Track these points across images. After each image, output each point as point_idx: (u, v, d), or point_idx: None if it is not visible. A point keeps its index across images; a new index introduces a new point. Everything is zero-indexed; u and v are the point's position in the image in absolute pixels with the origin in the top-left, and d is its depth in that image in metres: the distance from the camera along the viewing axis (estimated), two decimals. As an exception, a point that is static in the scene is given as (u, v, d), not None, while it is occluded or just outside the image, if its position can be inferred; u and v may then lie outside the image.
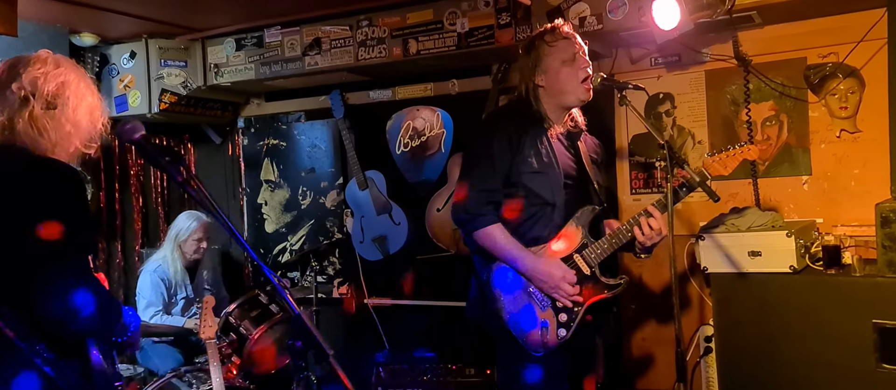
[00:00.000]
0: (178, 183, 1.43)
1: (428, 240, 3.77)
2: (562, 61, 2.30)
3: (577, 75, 2.30)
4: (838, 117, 3.07)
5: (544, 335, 2.21)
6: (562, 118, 2.39)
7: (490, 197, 2.25)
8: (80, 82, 1.60)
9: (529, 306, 2.23)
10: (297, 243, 4.25)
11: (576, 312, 2.23)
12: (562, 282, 2.21)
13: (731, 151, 2.31)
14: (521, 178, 2.26)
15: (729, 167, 2.31)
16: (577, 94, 2.32)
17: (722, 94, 3.27)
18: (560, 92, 2.33)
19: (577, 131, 2.44)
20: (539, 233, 2.28)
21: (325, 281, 4.15)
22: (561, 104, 2.36)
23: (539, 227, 2.29)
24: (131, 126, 1.52)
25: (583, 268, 2.26)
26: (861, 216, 2.90)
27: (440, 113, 3.85)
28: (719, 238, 2.75)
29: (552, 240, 2.28)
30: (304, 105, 4.15)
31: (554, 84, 2.32)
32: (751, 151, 2.33)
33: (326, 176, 4.16)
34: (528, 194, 2.27)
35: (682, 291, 3.26)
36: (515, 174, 2.26)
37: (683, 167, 2.23)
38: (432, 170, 3.86)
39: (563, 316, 2.23)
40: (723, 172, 2.32)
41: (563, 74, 2.30)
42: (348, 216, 4.04)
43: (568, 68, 2.30)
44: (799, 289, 2.61)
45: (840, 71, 3.03)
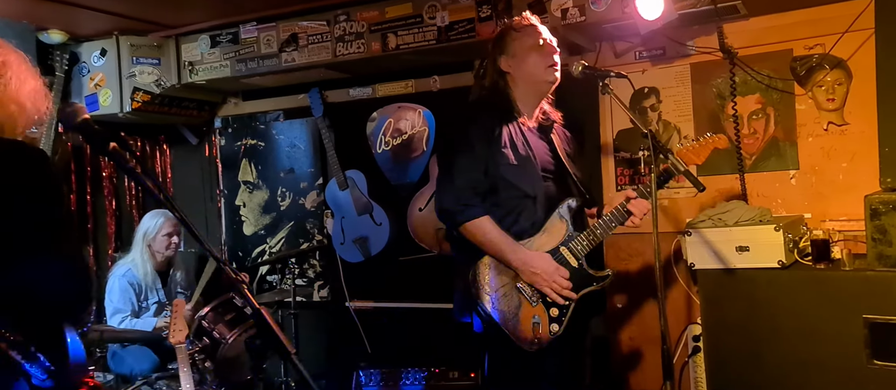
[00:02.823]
0: (126, 170, 1.34)
1: (410, 241, 3.75)
2: (528, 47, 2.32)
3: (544, 60, 2.31)
4: (825, 110, 3.06)
5: (536, 331, 2.19)
6: (533, 109, 2.38)
7: (476, 187, 2.23)
8: (21, 64, 1.54)
9: (519, 303, 2.21)
10: (276, 245, 4.21)
11: (567, 306, 2.22)
12: (556, 275, 2.20)
13: (702, 141, 2.34)
14: (499, 171, 2.24)
15: (701, 156, 2.33)
16: (545, 77, 2.32)
17: (707, 88, 3.25)
18: (527, 77, 2.33)
19: (548, 124, 2.43)
20: (523, 227, 2.27)
21: (306, 283, 4.12)
22: (529, 91, 2.35)
23: (522, 221, 2.27)
24: (73, 109, 1.44)
25: (570, 261, 2.25)
26: (849, 210, 2.89)
27: (423, 113, 3.83)
28: (706, 233, 2.73)
29: (537, 234, 2.26)
30: (282, 104, 4.11)
31: (521, 69, 2.33)
32: (721, 140, 2.35)
33: (306, 176, 4.13)
34: (507, 187, 2.26)
35: (669, 290, 3.24)
36: (493, 167, 2.24)
37: (667, 156, 2.21)
38: (416, 172, 3.85)
39: (553, 310, 2.22)
40: (696, 161, 2.33)
41: (530, 60, 2.31)
42: (328, 217, 4.01)
43: (535, 54, 2.31)
44: (788, 285, 2.59)
45: (826, 62, 3.02)
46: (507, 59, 2.34)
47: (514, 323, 2.19)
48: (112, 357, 3.42)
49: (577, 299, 2.23)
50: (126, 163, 1.34)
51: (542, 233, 2.27)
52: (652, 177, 2.13)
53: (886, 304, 2.39)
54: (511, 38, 2.35)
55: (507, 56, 2.34)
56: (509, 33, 2.36)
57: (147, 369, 3.24)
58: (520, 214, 2.27)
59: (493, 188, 2.25)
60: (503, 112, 2.31)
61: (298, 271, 4.01)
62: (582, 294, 2.25)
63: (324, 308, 4.06)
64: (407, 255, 3.75)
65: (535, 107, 2.37)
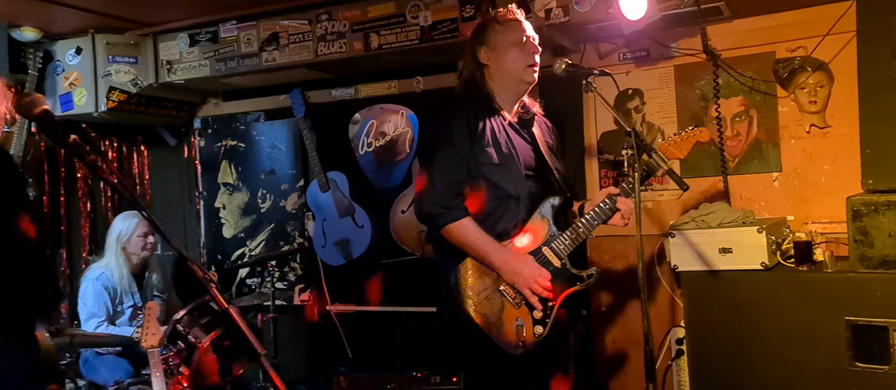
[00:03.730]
0: (87, 164, 1.30)
1: (392, 243, 3.74)
2: (510, 42, 2.29)
3: (525, 59, 2.28)
4: (808, 112, 3.07)
5: (520, 334, 2.17)
6: (511, 105, 2.36)
7: (457, 188, 2.20)
8: None
9: (503, 305, 2.19)
10: (256, 248, 4.17)
11: (551, 308, 2.20)
12: (538, 276, 2.18)
13: (683, 135, 2.34)
14: (481, 171, 2.22)
15: (683, 150, 2.32)
16: (523, 76, 2.29)
17: (691, 90, 3.26)
18: (505, 73, 2.30)
19: (529, 117, 2.41)
20: (505, 228, 2.25)
21: (286, 287, 4.08)
22: (506, 87, 2.33)
23: (505, 222, 2.25)
24: (31, 99, 1.41)
25: (553, 261, 2.23)
26: (832, 212, 2.90)
27: (407, 115, 3.82)
28: (690, 235, 2.74)
29: (517, 235, 2.24)
30: (263, 104, 4.08)
31: (500, 64, 2.30)
32: (703, 134, 2.36)
33: (287, 178, 4.09)
34: (490, 187, 2.23)
35: (652, 293, 3.24)
36: (475, 166, 2.22)
37: (651, 154, 2.20)
38: (400, 176, 3.83)
39: (537, 313, 2.20)
40: (679, 156, 2.33)
41: (510, 55, 2.28)
42: (310, 219, 3.98)
43: (516, 50, 2.28)
44: (770, 287, 2.60)
45: (809, 64, 3.04)
46: (486, 51, 2.31)
47: (497, 326, 2.18)
48: (84, 363, 3.35)
49: (560, 300, 2.21)
50: (86, 157, 1.30)
51: (524, 234, 2.25)
52: (635, 176, 2.11)
53: (868, 306, 2.40)
54: (493, 31, 2.31)
55: (488, 48, 2.31)
56: (492, 25, 2.32)
57: (120, 377, 3.18)
58: (502, 215, 2.24)
59: (475, 188, 2.23)
60: (485, 108, 2.28)
61: (279, 274, 3.98)
62: (566, 294, 2.23)
63: (304, 311, 4.00)
64: (389, 258, 3.73)
65: (513, 103, 2.35)
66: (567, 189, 2.39)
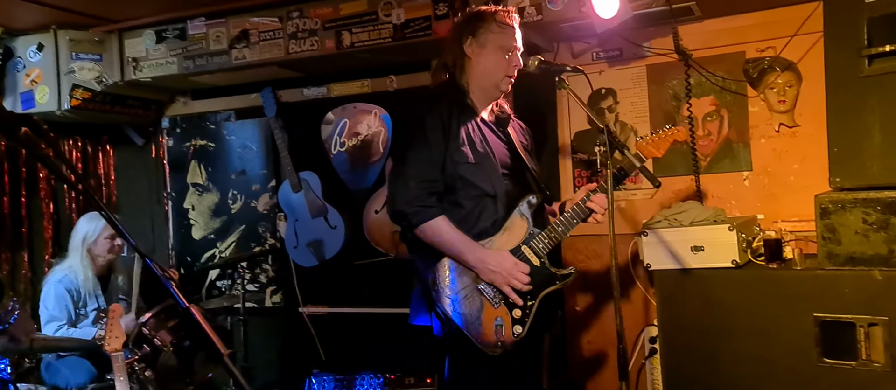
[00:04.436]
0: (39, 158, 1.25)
1: (366, 244, 3.71)
2: (498, 46, 2.27)
3: (506, 68, 2.27)
4: (777, 111, 3.11)
5: (499, 333, 2.16)
6: (485, 105, 2.35)
7: (432, 187, 2.18)
8: None
9: (481, 304, 2.18)
10: (226, 250, 4.12)
11: (530, 307, 2.19)
12: (515, 271, 2.17)
13: (661, 133, 2.35)
14: (457, 170, 2.20)
15: (661, 148, 2.34)
16: (499, 83, 2.29)
17: (663, 89, 3.29)
18: (483, 73, 2.29)
19: (504, 117, 2.40)
20: (484, 227, 2.23)
21: (258, 289, 4.04)
22: (480, 86, 2.31)
23: (483, 221, 2.24)
24: None
25: (532, 260, 2.22)
26: (801, 211, 2.94)
27: (381, 115, 3.80)
28: (662, 233, 2.74)
29: (497, 233, 2.23)
30: (233, 103, 4.03)
31: (481, 62, 2.28)
32: (680, 132, 2.38)
33: (258, 178, 4.06)
34: (466, 187, 2.22)
35: (626, 292, 3.26)
36: (451, 165, 2.20)
37: (623, 152, 2.21)
38: (374, 177, 3.82)
39: (516, 311, 2.19)
40: (656, 154, 2.34)
41: (493, 58, 2.26)
42: (281, 220, 3.95)
43: (501, 56, 2.26)
44: (741, 284, 2.61)
45: (777, 64, 3.08)
46: (473, 44, 2.27)
47: (476, 326, 2.16)
48: (46, 368, 3.27)
49: (539, 298, 2.20)
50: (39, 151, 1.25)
51: (503, 232, 2.24)
52: (608, 173, 2.11)
53: (836, 303, 2.42)
54: (487, 28, 2.26)
55: (475, 41, 2.27)
56: (488, 21, 2.27)
57: (83, 381, 3.11)
58: (481, 214, 2.23)
59: (451, 187, 2.21)
60: (459, 106, 2.26)
61: (250, 276, 3.96)
62: (545, 293, 2.22)
63: (276, 314, 3.99)
64: (363, 259, 3.72)
65: (486, 104, 2.34)
66: (545, 187, 2.39)
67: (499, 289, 2.18)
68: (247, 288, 3.56)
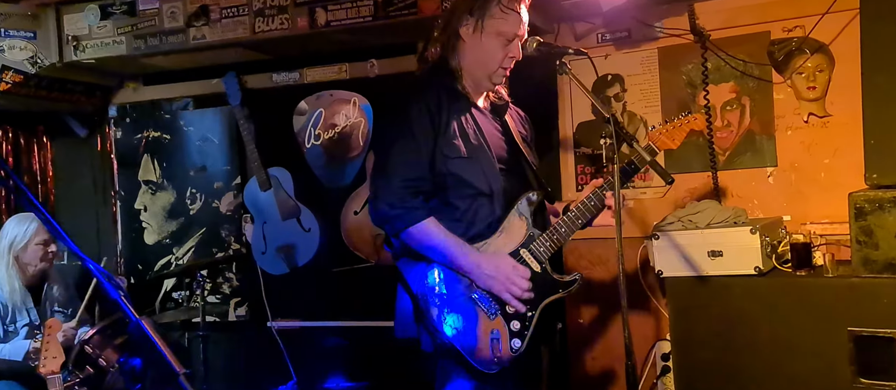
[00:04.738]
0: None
1: (344, 249, 3.73)
2: (499, 32, 2.24)
3: (503, 59, 2.25)
4: (806, 99, 3.11)
5: (496, 348, 2.16)
6: (478, 93, 2.34)
7: (418, 185, 2.17)
8: None
9: (476, 316, 2.17)
10: (184, 256, 4.14)
11: (530, 318, 2.18)
12: (514, 276, 2.16)
13: (676, 122, 2.33)
14: (448, 166, 2.19)
15: (676, 139, 2.34)
16: (492, 74, 2.27)
17: (677, 75, 3.29)
18: (477, 60, 2.27)
19: (501, 104, 2.39)
20: (480, 230, 2.22)
21: (220, 300, 4.06)
22: (472, 74, 2.29)
23: (479, 223, 2.22)
24: None
25: (532, 265, 2.22)
26: (832, 211, 2.93)
27: (361, 105, 3.80)
28: (675, 236, 2.74)
29: (493, 236, 2.22)
30: (191, 90, 4.04)
31: (477, 47, 2.26)
32: (697, 121, 2.36)
33: (221, 174, 4.07)
34: (459, 185, 2.20)
35: (635, 302, 3.25)
36: (441, 160, 2.18)
37: (632, 144, 2.20)
38: (353, 173, 3.83)
39: (515, 323, 2.18)
40: (671, 146, 2.34)
41: (491, 45, 2.24)
42: (248, 222, 3.97)
43: (500, 44, 2.24)
44: (765, 294, 2.61)
45: (806, 46, 3.07)
46: (471, 26, 2.24)
47: (470, 340, 2.15)
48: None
49: (540, 308, 2.20)
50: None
51: (500, 235, 2.23)
52: (615, 168, 2.09)
53: (873, 315, 2.41)
54: (488, 11, 2.22)
55: (472, 22, 2.23)
56: (492, 3, 2.23)
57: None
58: (475, 215, 2.22)
59: (441, 185, 2.20)
60: (450, 93, 2.24)
61: (211, 286, 3.97)
62: (546, 303, 2.21)
63: (241, 329, 4.00)
64: (340, 266, 3.73)
65: (479, 92, 2.33)
66: (546, 183, 2.38)
67: (496, 297, 2.18)
68: (207, 299, 3.55)
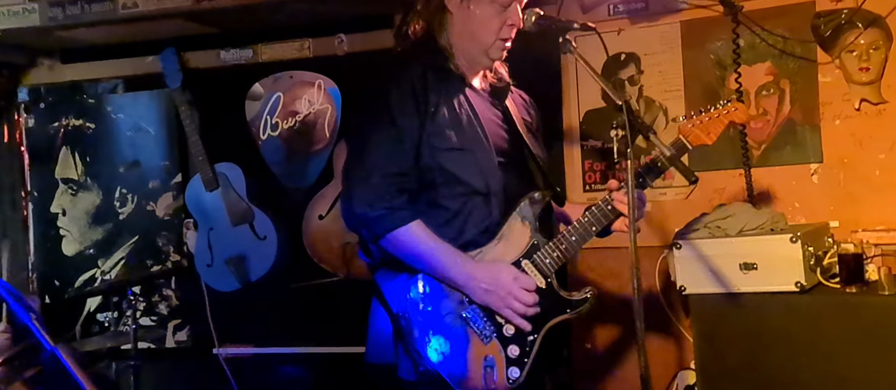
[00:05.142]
0: None
1: (306, 260, 3.74)
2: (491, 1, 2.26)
3: (499, 29, 2.26)
4: (857, 83, 3.10)
5: (490, 378, 2.17)
6: (473, 72, 2.34)
7: (401, 182, 2.17)
8: None
9: (466, 338, 2.18)
10: (112, 270, 4.11)
11: (530, 343, 2.19)
12: (516, 288, 2.16)
13: (713, 112, 2.32)
14: (437, 158, 2.19)
15: (712, 133, 2.31)
16: (490, 49, 2.29)
17: (703, 54, 3.29)
18: (469, 35, 2.29)
19: (501, 86, 2.38)
20: (473, 236, 2.23)
21: (156, 323, 4.03)
22: (466, 52, 2.31)
23: (472, 227, 2.23)
24: None
25: (536, 279, 2.22)
26: (888, 217, 2.95)
27: (327, 88, 3.79)
28: (701, 246, 2.74)
29: (490, 243, 2.23)
30: (122, 69, 4.03)
31: (467, 21, 2.27)
32: (738, 112, 2.34)
33: (157, 172, 4.05)
34: (449, 182, 2.20)
35: (653, 325, 3.25)
36: (429, 152, 2.18)
37: (648, 137, 2.16)
38: (317, 170, 3.83)
39: (513, 349, 2.18)
40: (706, 141, 2.32)
41: (484, 16, 2.25)
42: (190, 228, 3.95)
43: (494, 13, 2.25)
44: (809, 315, 2.62)
45: (859, 19, 3.07)
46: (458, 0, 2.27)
47: (459, 368, 2.16)
48: None
49: (543, 332, 2.19)
50: None
51: (498, 242, 2.23)
52: (628, 165, 2.07)
53: (938, 340, 2.46)
54: None
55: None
56: None
57: None
58: (468, 218, 2.22)
59: (428, 182, 2.20)
60: (440, 72, 2.25)
61: (145, 306, 3.96)
62: (551, 325, 2.21)
63: (181, 357, 3.97)
64: (302, 280, 3.72)
65: (474, 71, 2.34)
66: (554, 181, 2.39)
67: (492, 317, 2.17)
68: (140, 322, 3.51)
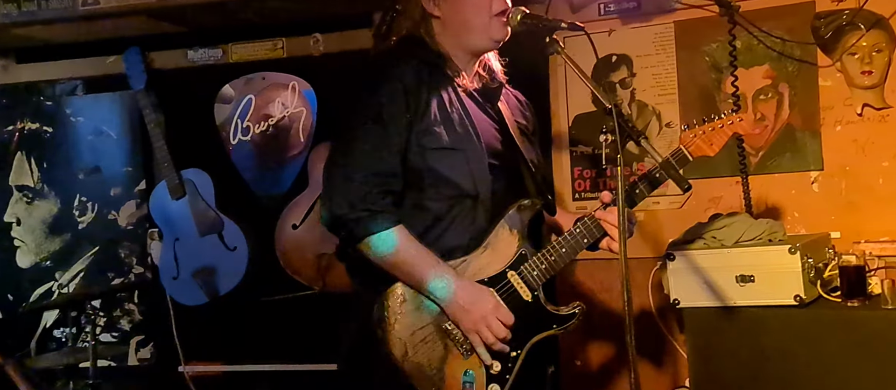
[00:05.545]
0: None
1: (279, 273, 3.74)
2: None
3: (491, 5, 2.25)
4: (859, 87, 3.12)
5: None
6: (470, 66, 2.34)
7: (386, 183, 2.16)
8: None
9: (445, 351, 2.19)
10: (70, 283, 4.09)
11: (513, 359, 2.20)
12: (492, 318, 2.16)
13: (716, 122, 2.31)
14: (426, 158, 2.19)
15: (715, 144, 2.30)
16: (490, 31, 2.28)
17: (698, 56, 3.30)
18: (463, 27, 2.28)
19: (495, 86, 2.37)
20: (456, 242, 2.23)
21: (117, 339, 4.01)
22: (465, 46, 2.31)
23: (455, 233, 2.23)
24: None
25: (522, 293, 2.22)
26: (893, 227, 2.96)
27: (303, 91, 3.80)
28: (696, 257, 2.75)
29: (475, 251, 2.22)
30: (82, 69, 4.04)
31: (456, 15, 2.28)
32: (744, 123, 2.33)
33: (119, 178, 4.06)
34: (438, 183, 2.21)
35: (646, 341, 3.26)
36: (417, 152, 2.18)
37: (640, 142, 2.15)
38: (292, 177, 3.84)
39: (495, 365, 2.20)
40: (708, 152, 2.31)
41: (472, 1, 2.25)
42: (154, 239, 3.95)
43: None
44: (809, 330, 2.62)
45: (860, 20, 3.07)
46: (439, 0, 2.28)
47: (436, 382, 2.17)
48: None
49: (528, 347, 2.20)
50: None
51: (484, 250, 2.23)
52: (618, 172, 2.05)
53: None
54: None
55: None
56: None
57: None
58: (453, 222, 2.22)
59: (415, 183, 2.20)
60: (431, 68, 2.26)
61: (106, 321, 3.95)
62: (536, 340, 2.22)
63: (145, 375, 3.95)
64: (274, 294, 3.70)
65: (473, 63, 2.34)
66: (546, 189, 2.39)
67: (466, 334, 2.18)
68: (100, 338, 3.51)
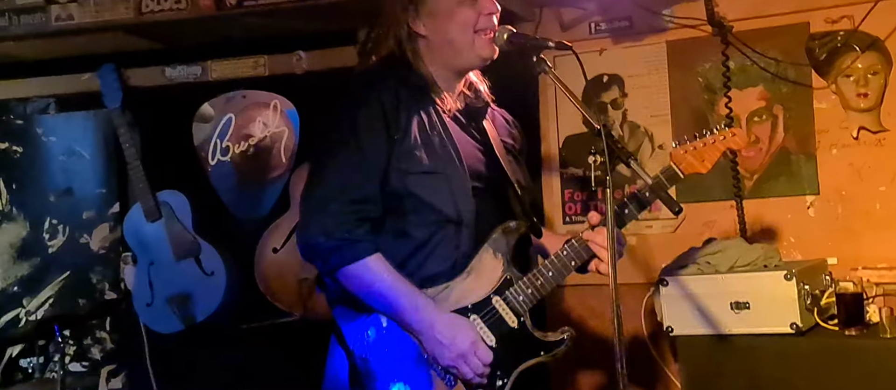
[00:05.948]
0: None
1: (259, 298, 3.75)
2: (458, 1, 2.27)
3: (476, 19, 2.26)
4: (855, 109, 3.15)
5: None
6: (454, 85, 2.35)
7: (364, 210, 2.17)
8: None
9: (430, 383, 2.19)
10: (38, 310, 4.09)
11: (500, 388, 2.20)
12: (470, 355, 2.15)
13: (708, 138, 2.30)
14: (406, 183, 2.19)
15: (707, 160, 2.29)
16: (476, 49, 2.27)
17: (691, 77, 3.34)
18: (449, 46, 2.29)
19: (480, 105, 2.39)
20: (439, 269, 2.23)
21: (87, 369, 3.98)
22: (451, 65, 2.32)
23: (437, 260, 2.23)
24: None
25: (507, 319, 2.22)
26: (890, 254, 2.98)
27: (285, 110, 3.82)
28: (689, 283, 2.77)
29: (459, 276, 2.22)
30: (54, 87, 4.04)
31: (442, 33, 2.28)
32: (737, 138, 2.31)
33: (92, 201, 4.07)
34: (419, 208, 2.20)
35: (638, 369, 3.23)
36: (397, 176, 2.18)
37: (629, 163, 2.17)
38: (273, 199, 3.86)
39: None
40: (700, 169, 2.30)
41: (457, 19, 2.26)
42: (128, 263, 3.93)
43: (466, 10, 2.26)
44: (806, 359, 2.63)
45: (855, 41, 3.11)
46: (423, 17, 2.27)
47: None
48: None
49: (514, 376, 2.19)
50: None
51: (468, 276, 2.22)
52: (607, 194, 2.06)
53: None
54: None
55: (425, 11, 2.26)
56: None
57: None
58: (434, 249, 2.22)
59: (395, 209, 2.20)
60: (412, 89, 2.26)
61: (75, 350, 3.93)
62: (524, 368, 2.21)
63: None
64: (253, 321, 3.72)
65: (458, 82, 2.35)
66: (532, 212, 2.38)
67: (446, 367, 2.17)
68: (69, 368, 3.61)
